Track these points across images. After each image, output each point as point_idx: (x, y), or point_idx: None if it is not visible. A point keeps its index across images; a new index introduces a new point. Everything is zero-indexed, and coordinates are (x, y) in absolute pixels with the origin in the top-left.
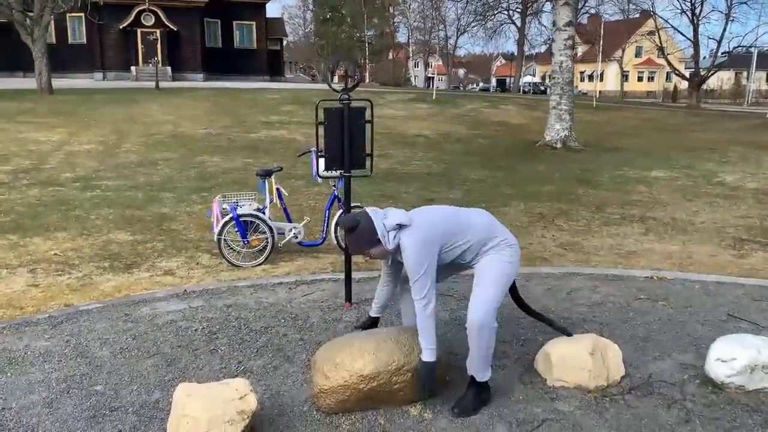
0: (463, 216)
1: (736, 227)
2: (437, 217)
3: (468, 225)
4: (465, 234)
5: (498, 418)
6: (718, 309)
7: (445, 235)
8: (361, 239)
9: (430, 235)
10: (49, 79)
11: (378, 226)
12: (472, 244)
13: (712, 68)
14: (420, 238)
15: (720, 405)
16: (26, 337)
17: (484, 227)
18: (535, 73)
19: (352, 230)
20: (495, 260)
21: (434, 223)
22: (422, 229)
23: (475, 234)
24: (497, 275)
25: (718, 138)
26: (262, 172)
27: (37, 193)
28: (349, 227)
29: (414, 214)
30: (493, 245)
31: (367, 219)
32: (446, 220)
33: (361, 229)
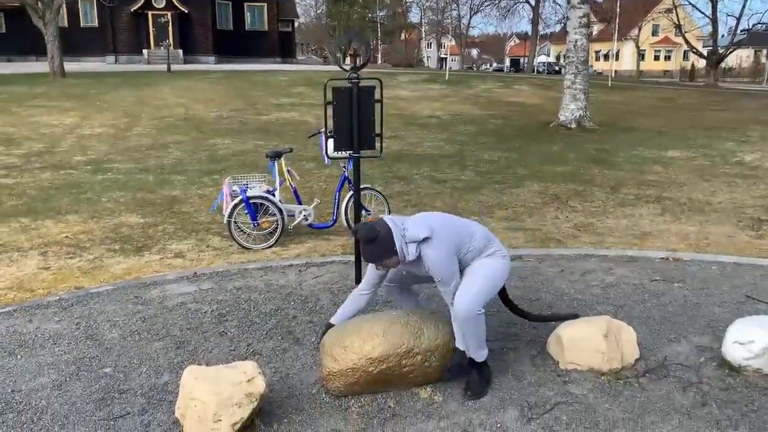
0: (465, 224)
1: (755, 207)
2: (450, 224)
3: (471, 232)
4: (471, 240)
5: (510, 401)
6: (736, 290)
7: (459, 243)
8: (377, 251)
9: (452, 245)
10: (61, 62)
11: (397, 238)
12: (474, 249)
13: (731, 46)
14: (446, 252)
15: (737, 388)
16: (36, 320)
17: (484, 236)
18: (550, 53)
19: (371, 241)
20: (487, 262)
21: (451, 231)
22: (444, 241)
23: (478, 240)
24: (487, 272)
25: (737, 117)
26: (272, 154)
27: (49, 176)
28: (367, 239)
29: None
30: (489, 253)
31: (387, 230)
32: (457, 227)
33: (380, 241)
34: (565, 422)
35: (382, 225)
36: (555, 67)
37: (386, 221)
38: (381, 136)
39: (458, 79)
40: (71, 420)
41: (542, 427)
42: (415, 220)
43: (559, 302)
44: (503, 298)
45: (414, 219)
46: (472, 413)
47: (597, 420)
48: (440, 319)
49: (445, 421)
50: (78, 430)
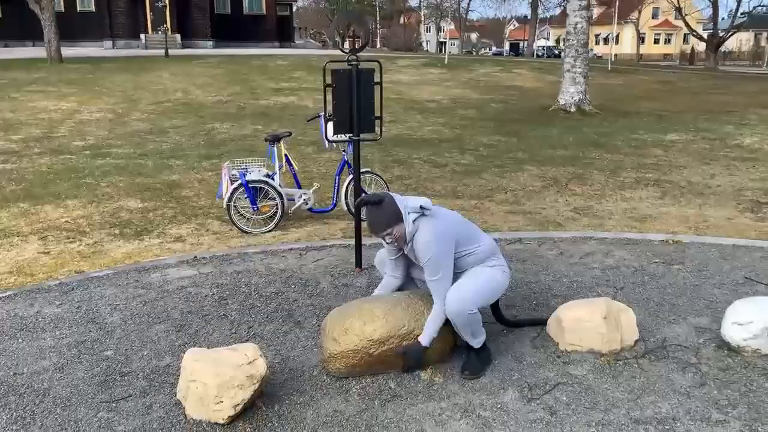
0: (473, 228)
1: (754, 190)
2: (454, 216)
3: (477, 235)
4: (477, 241)
5: (510, 382)
6: (735, 272)
7: (460, 237)
8: (384, 215)
9: (450, 229)
10: (58, 47)
11: (401, 205)
12: (479, 253)
13: (731, 29)
14: (439, 233)
15: (736, 368)
16: (37, 304)
17: (491, 247)
18: (549, 37)
19: (378, 204)
20: (488, 270)
21: (453, 220)
22: (443, 222)
23: (484, 245)
24: (487, 278)
25: (737, 100)
26: (271, 138)
27: (48, 161)
28: (375, 201)
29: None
30: (491, 264)
31: (390, 197)
32: (461, 221)
33: (386, 205)
34: (565, 402)
35: (385, 194)
36: (554, 51)
37: (389, 192)
38: (381, 119)
39: (457, 63)
40: (73, 402)
41: (542, 407)
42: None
43: (558, 285)
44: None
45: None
46: (472, 394)
47: (597, 400)
48: None
49: (446, 402)
50: (80, 412)
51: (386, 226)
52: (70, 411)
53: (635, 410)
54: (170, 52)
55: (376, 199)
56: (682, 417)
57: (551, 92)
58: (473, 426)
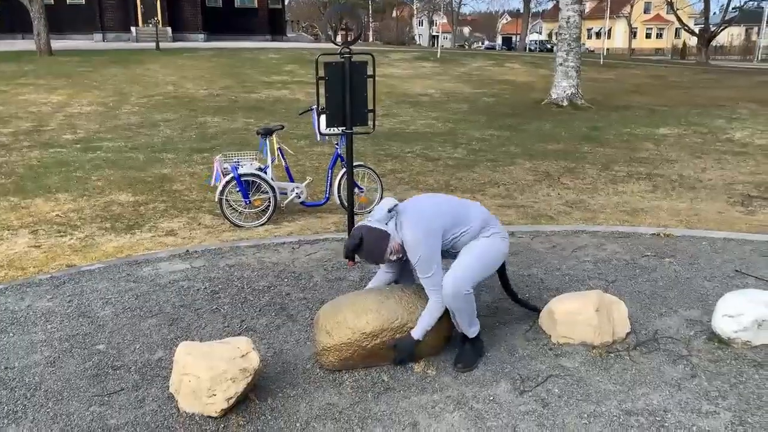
0: (461, 205)
1: (744, 184)
2: (437, 207)
3: (467, 216)
4: (465, 223)
5: (502, 374)
6: (726, 265)
7: (446, 226)
8: (372, 247)
9: (432, 226)
10: (47, 40)
11: (376, 227)
12: (470, 232)
13: (723, 24)
14: (423, 232)
15: (726, 360)
16: (28, 298)
17: (482, 219)
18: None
19: (360, 246)
20: (483, 242)
21: (434, 214)
22: (423, 221)
23: (473, 224)
24: (480, 252)
25: (728, 95)
26: (263, 131)
27: (38, 154)
28: (354, 247)
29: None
30: (486, 235)
31: (364, 228)
32: (445, 210)
33: (367, 236)
34: (557, 394)
35: (358, 228)
36: (547, 45)
37: (359, 224)
38: (374, 112)
39: (450, 57)
40: (65, 396)
41: (534, 399)
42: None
43: (550, 278)
44: (502, 279)
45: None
46: (465, 386)
47: (588, 392)
48: None
49: (439, 394)
50: (72, 406)
51: (383, 253)
52: (62, 405)
53: (627, 402)
54: (161, 45)
55: (356, 243)
56: (673, 408)
57: (543, 86)
58: (466, 418)
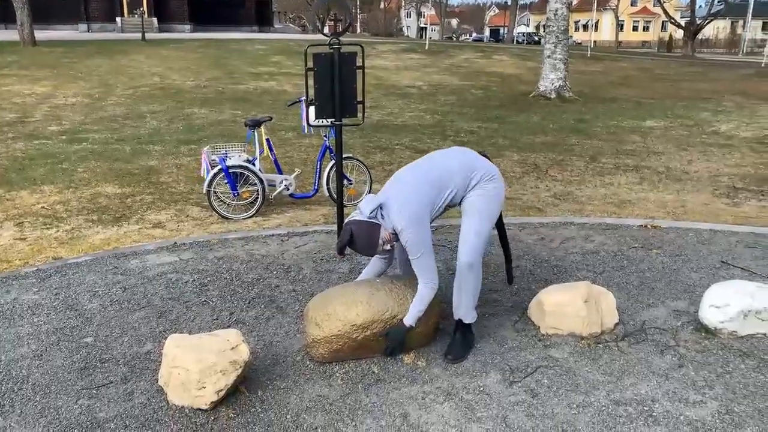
0: (438, 173)
1: (730, 176)
2: (416, 187)
3: (446, 179)
4: (447, 187)
5: (492, 365)
6: (712, 256)
7: (430, 202)
8: (364, 238)
9: (418, 209)
10: (31, 30)
11: (365, 220)
12: (457, 191)
13: (708, 17)
14: (411, 216)
15: (713, 350)
16: (14, 291)
17: (462, 169)
18: (529, 23)
19: (352, 241)
20: (479, 199)
21: (417, 196)
22: (410, 206)
23: (455, 182)
24: (482, 213)
25: (713, 87)
26: (251, 122)
27: (23, 146)
28: (348, 242)
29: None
30: (475, 183)
31: (353, 222)
32: (425, 187)
33: (357, 231)
34: (547, 385)
35: (347, 224)
36: (534, 38)
37: (348, 221)
38: (363, 103)
39: (438, 49)
40: (53, 389)
41: (524, 390)
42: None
43: (539, 269)
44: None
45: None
46: (455, 377)
47: (577, 382)
48: None
49: (429, 386)
50: (60, 399)
51: (376, 245)
52: (50, 398)
53: (615, 392)
54: (147, 36)
55: (347, 239)
56: (660, 398)
57: (531, 79)
58: (456, 409)
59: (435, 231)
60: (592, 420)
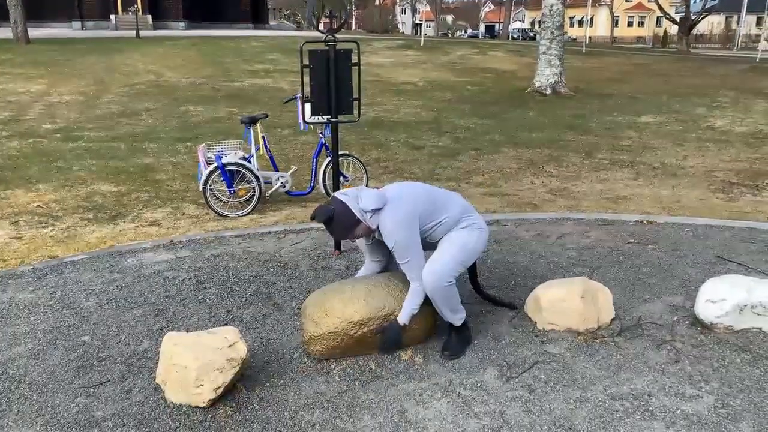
0: (440, 195)
1: (726, 171)
2: (415, 193)
3: (445, 203)
4: (442, 212)
5: (489, 361)
6: (708, 251)
7: (424, 213)
8: (340, 227)
9: (411, 211)
10: (25, 28)
11: (354, 208)
12: (448, 222)
13: (703, 12)
14: (402, 219)
15: (709, 345)
16: (10, 290)
17: (461, 208)
18: (525, 19)
19: (330, 220)
20: (462, 234)
21: (413, 199)
22: (402, 206)
23: (452, 213)
24: (460, 243)
25: (708, 83)
26: (247, 120)
27: (17, 144)
28: (324, 219)
29: (391, 191)
30: (464, 225)
31: (341, 204)
32: (423, 198)
33: (338, 216)
34: (543, 380)
35: (335, 201)
36: (530, 34)
37: (338, 197)
38: (359, 100)
39: (433, 46)
40: (50, 388)
41: (521, 385)
42: (374, 190)
43: (535, 265)
44: (471, 276)
45: (375, 190)
46: (452, 374)
47: (574, 377)
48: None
49: (426, 382)
50: (57, 398)
51: (346, 233)
52: (47, 397)
53: (612, 387)
54: (141, 33)
55: (326, 216)
56: (657, 393)
57: (527, 74)
58: (453, 405)
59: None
60: (589, 415)
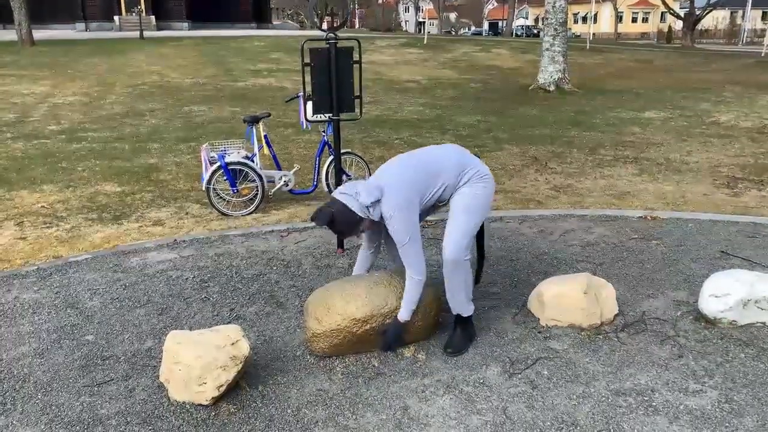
0: (432, 161)
1: (730, 166)
2: (409, 173)
3: (439, 169)
4: (438, 179)
5: (492, 357)
6: (712, 246)
7: (421, 190)
8: (344, 226)
9: (409, 196)
10: (29, 30)
11: (354, 206)
12: (448, 185)
13: (708, 7)
14: (401, 203)
15: (713, 340)
16: (15, 290)
17: (455, 165)
18: (528, 16)
19: (332, 224)
20: (468, 195)
21: (409, 182)
22: (400, 192)
23: (447, 175)
24: (470, 210)
25: (713, 78)
26: (250, 119)
27: (22, 146)
28: (325, 222)
29: (384, 177)
30: (466, 180)
31: (340, 206)
32: (418, 175)
33: (339, 218)
34: (547, 376)
35: (334, 203)
36: (533, 30)
37: (336, 197)
38: (360, 98)
39: (437, 44)
40: (54, 387)
41: (524, 381)
42: (368, 183)
43: (539, 262)
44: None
45: (369, 182)
46: (455, 370)
47: (577, 373)
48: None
49: (429, 379)
50: (62, 396)
51: (352, 231)
52: (51, 396)
53: (615, 382)
54: (145, 34)
55: (326, 219)
56: (660, 388)
57: (531, 71)
58: (456, 401)
59: (431, 226)
60: (592, 411)
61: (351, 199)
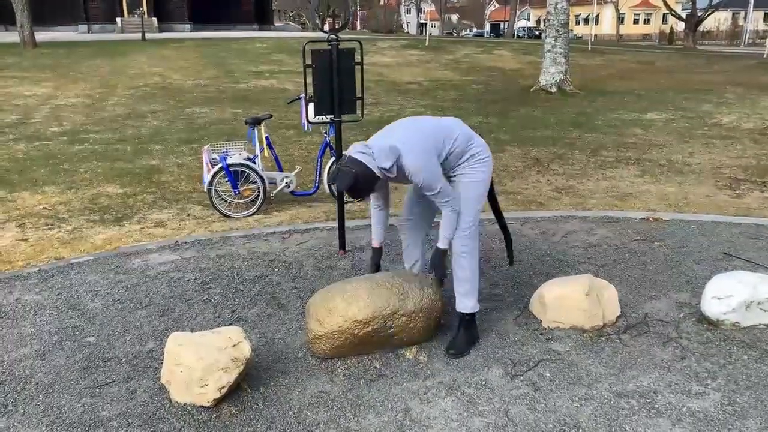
0: (441, 122)
1: (732, 167)
2: (421, 127)
3: (449, 129)
4: (450, 137)
5: (493, 359)
6: (714, 248)
7: (436, 146)
8: (365, 187)
9: (425, 146)
10: (31, 32)
11: (372, 165)
12: (455, 152)
13: (710, 8)
14: (421, 155)
15: (715, 342)
16: (16, 291)
17: (465, 135)
18: (530, 18)
19: (355, 185)
20: (470, 178)
21: (422, 134)
22: (417, 145)
23: (459, 141)
24: (473, 195)
25: (715, 79)
26: (251, 120)
27: (24, 147)
28: (348, 184)
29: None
30: (468, 156)
31: (361, 165)
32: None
33: (361, 179)
34: (549, 378)
35: (354, 164)
36: (535, 32)
37: (354, 157)
38: (362, 100)
39: (438, 45)
40: (56, 389)
41: (526, 383)
42: (380, 144)
43: (540, 263)
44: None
45: (379, 141)
46: (457, 372)
47: (580, 375)
48: (425, 281)
49: (431, 380)
50: (63, 398)
51: (369, 191)
52: (53, 398)
53: (617, 384)
54: (147, 36)
55: (350, 180)
56: (663, 390)
57: (532, 73)
58: (458, 403)
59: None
60: (594, 413)
61: (369, 158)
